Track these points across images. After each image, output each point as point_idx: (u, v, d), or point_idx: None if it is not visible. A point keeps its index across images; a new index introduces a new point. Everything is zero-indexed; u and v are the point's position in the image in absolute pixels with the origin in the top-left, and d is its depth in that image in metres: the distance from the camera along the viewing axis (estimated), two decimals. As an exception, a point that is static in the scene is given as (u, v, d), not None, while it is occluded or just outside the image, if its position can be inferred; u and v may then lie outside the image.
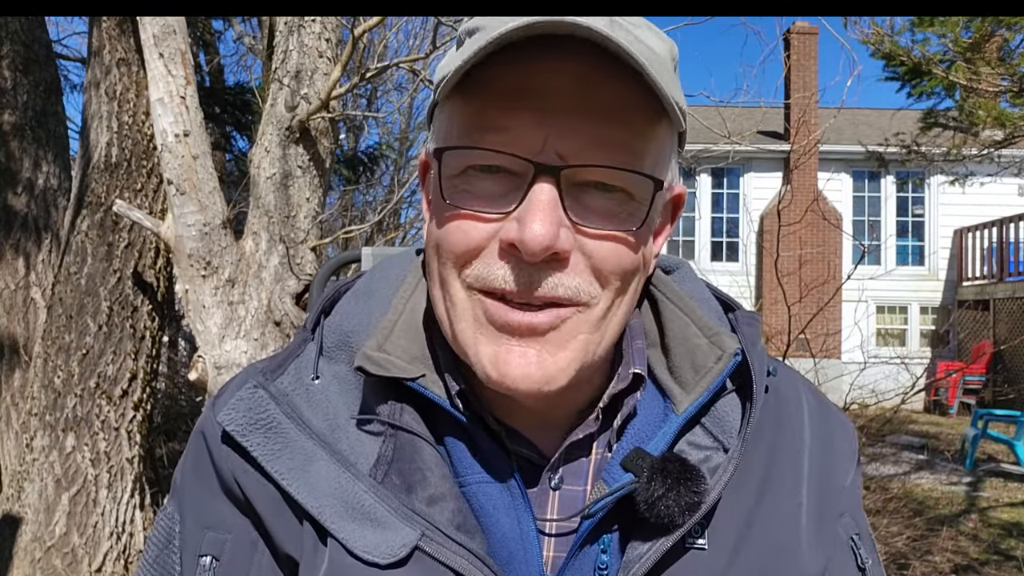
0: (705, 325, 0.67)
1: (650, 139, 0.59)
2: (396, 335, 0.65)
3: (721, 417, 0.65)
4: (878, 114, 14.69)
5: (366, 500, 0.59)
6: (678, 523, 0.58)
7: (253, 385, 0.64)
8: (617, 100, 0.56)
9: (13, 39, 3.80)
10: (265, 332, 2.76)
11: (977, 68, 5.34)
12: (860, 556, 0.69)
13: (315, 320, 0.70)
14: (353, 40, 2.70)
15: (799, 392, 0.73)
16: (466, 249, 0.58)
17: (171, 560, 0.66)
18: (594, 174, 0.57)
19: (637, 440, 0.63)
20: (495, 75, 0.56)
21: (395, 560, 0.57)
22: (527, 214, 0.55)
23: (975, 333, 13.12)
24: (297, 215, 2.88)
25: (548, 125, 0.56)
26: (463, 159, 0.59)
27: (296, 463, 0.61)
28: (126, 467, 3.57)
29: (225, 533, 0.64)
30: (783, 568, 0.63)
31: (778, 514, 0.64)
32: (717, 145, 6.48)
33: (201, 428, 0.68)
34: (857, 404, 4.17)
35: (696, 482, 0.59)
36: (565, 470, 0.65)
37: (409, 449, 0.62)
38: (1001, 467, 7.93)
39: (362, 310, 0.69)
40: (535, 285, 0.56)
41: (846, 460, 0.72)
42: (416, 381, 0.62)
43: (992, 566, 4.79)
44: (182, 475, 0.69)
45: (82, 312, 3.49)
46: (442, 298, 0.62)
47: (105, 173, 3.53)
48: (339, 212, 11.11)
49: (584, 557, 0.61)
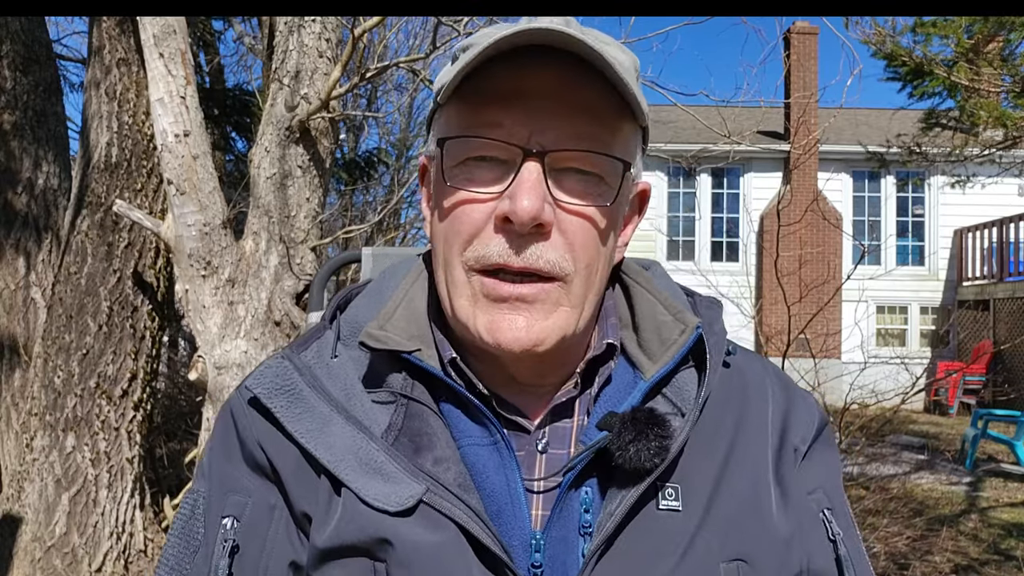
0: (671, 305, 0.77)
1: (617, 132, 0.69)
2: (396, 318, 0.74)
3: (680, 387, 0.73)
4: (878, 114, 14.68)
5: (379, 457, 0.67)
6: (648, 467, 0.65)
7: (280, 356, 0.73)
8: (590, 99, 0.66)
9: (13, 39, 3.80)
10: (265, 332, 2.76)
11: (979, 68, 5.34)
12: (831, 529, 0.74)
13: (331, 314, 0.79)
14: (353, 40, 2.70)
15: (765, 370, 0.81)
16: (469, 230, 0.67)
17: (195, 527, 0.73)
18: (572, 159, 0.67)
19: (610, 405, 0.71)
20: (488, 81, 0.66)
21: (403, 509, 0.64)
22: (518, 190, 0.64)
23: (975, 333, 13.11)
24: (297, 215, 2.88)
25: (533, 120, 0.66)
26: (463, 150, 0.68)
27: (315, 425, 0.69)
28: (126, 467, 3.57)
29: (246, 497, 0.71)
30: (752, 525, 0.68)
31: (746, 477, 0.71)
32: (717, 145, 6.48)
33: (229, 404, 0.77)
34: (857, 404, 4.17)
35: (662, 427, 0.66)
36: (551, 434, 0.72)
37: (418, 417, 0.69)
38: (1001, 467, 7.93)
39: (373, 305, 0.78)
40: (523, 252, 0.65)
41: (803, 426, 0.78)
42: (412, 354, 0.70)
43: (992, 566, 4.79)
44: (209, 451, 0.77)
45: (82, 312, 3.49)
46: (445, 279, 0.71)
47: (105, 173, 3.53)
48: (339, 212, 11.11)
49: (568, 516, 0.67)
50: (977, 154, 6.71)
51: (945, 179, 9.53)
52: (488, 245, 0.66)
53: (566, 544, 0.66)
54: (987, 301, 12.82)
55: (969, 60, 5.40)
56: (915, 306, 14.42)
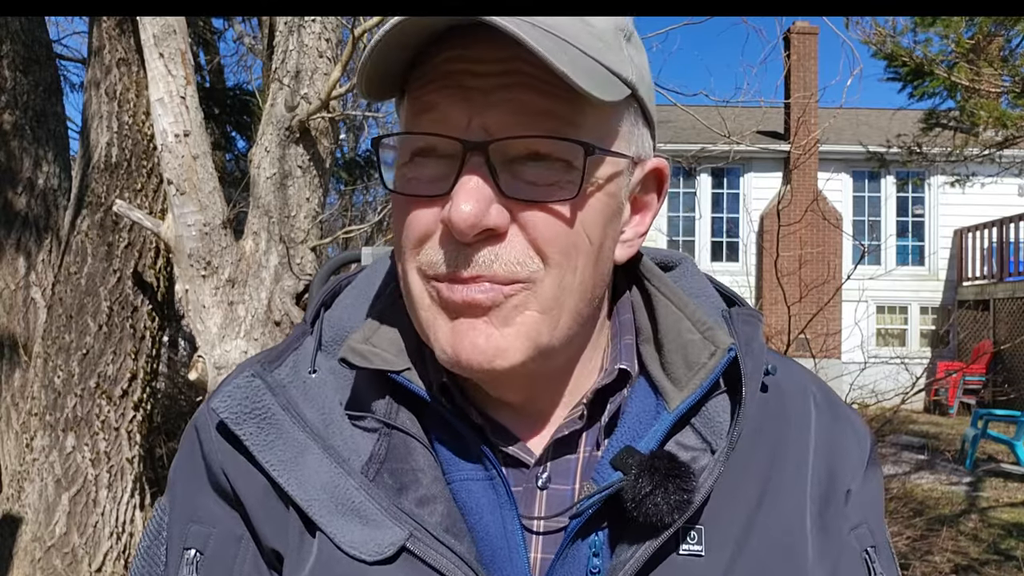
0: (698, 320, 0.65)
1: (582, 105, 0.55)
2: (384, 328, 0.65)
3: (711, 417, 0.63)
4: (878, 114, 14.68)
5: (356, 497, 0.59)
6: (666, 522, 0.57)
7: (250, 374, 0.63)
8: (537, 69, 0.53)
9: (13, 39, 3.80)
10: (265, 332, 2.76)
11: (980, 68, 5.34)
12: (874, 570, 0.65)
13: (315, 313, 0.70)
14: (353, 40, 2.69)
15: (806, 390, 0.70)
16: (417, 235, 0.58)
17: (158, 552, 0.66)
18: (522, 145, 0.56)
19: (628, 438, 0.62)
20: (432, 61, 0.57)
21: (382, 558, 0.57)
22: (456, 195, 0.54)
23: (975, 333, 13.11)
24: (297, 215, 2.88)
25: (472, 100, 0.55)
26: (407, 146, 0.59)
27: (288, 455, 0.60)
28: (126, 467, 3.57)
29: (210, 527, 0.64)
30: (785, 573, 0.60)
31: (781, 521, 0.62)
32: (717, 145, 6.47)
33: (195, 421, 0.68)
34: (857, 404, 4.17)
35: (685, 479, 0.57)
36: (552, 469, 0.64)
37: (403, 449, 0.61)
38: (1001, 467, 7.93)
39: (361, 304, 0.69)
40: (471, 263, 0.56)
41: (854, 462, 0.68)
42: (401, 374, 0.62)
43: (992, 566, 4.79)
44: (175, 468, 0.69)
45: (82, 312, 3.49)
46: (405, 289, 0.62)
47: (105, 173, 3.53)
48: (339, 212, 11.12)
49: (574, 560, 0.60)
50: (977, 154, 6.71)
51: (945, 179, 9.52)
52: (436, 252, 0.57)
53: None
54: (987, 301, 12.83)
55: (969, 60, 5.40)
56: (915, 306, 14.42)
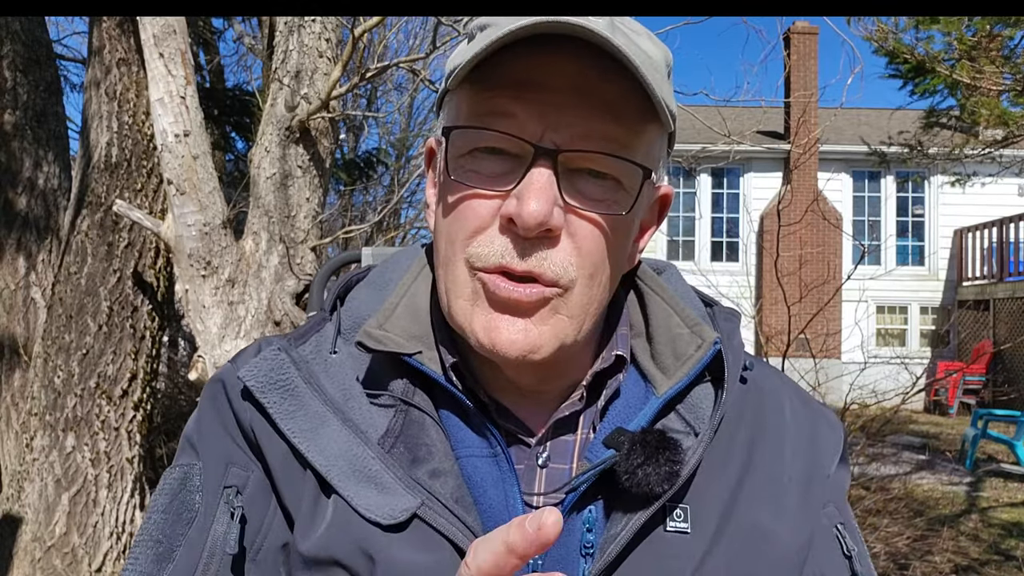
0: (687, 316, 0.72)
1: (640, 135, 0.63)
2: (397, 316, 0.70)
3: (695, 404, 0.69)
4: (878, 114, 14.68)
5: (373, 465, 0.63)
6: (656, 492, 0.62)
7: (277, 348, 0.68)
8: (612, 97, 0.61)
9: (13, 39, 3.80)
10: (265, 332, 2.76)
11: (981, 66, 5.33)
12: (846, 544, 0.72)
13: (332, 305, 0.75)
14: (353, 40, 2.69)
15: (779, 386, 0.77)
16: (473, 226, 0.63)
17: (188, 499, 0.68)
18: (587, 160, 0.62)
19: (619, 421, 0.67)
20: (504, 67, 0.61)
21: (395, 523, 0.60)
22: (526, 191, 0.59)
23: (975, 333, 13.11)
24: (297, 215, 2.88)
25: (547, 116, 0.61)
26: (470, 141, 0.63)
27: (309, 424, 0.65)
28: (126, 467, 3.57)
29: (248, 471, 0.68)
30: (763, 551, 0.65)
31: (759, 500, 0.67)
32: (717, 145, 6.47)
33: (220, 378, 0.72)
34: (857, 404, 4.17)
35: (673, 451, 0.62)
36: (552, 448, 0.69)
37: (417, 425, 0.66)
38: (1001, 467, 7.93)
39: (374, 297, 0.74)
40: (528, 256, 0.61)
41: (831, 449, 0.75)
42: (413, 357, 0.66)
43: (992, 566, 4.79)
44: (198, 423, 0.72)
45: (82, 312, 3.49)
46: (445, 276, 0.66)
47: (105, 173, 3.53)
48: (339, 212, 11.12)
49: (570, 535, 0.64)
50: (977, 153, 6.71)
51: (945, 178, 9.52)
52: (492, 244, 0.62)
53: (567, 565, 0.63)
54: (987, 301, 12.82)
55: (971, 58, 5.40)
56: (915, 306, 14.42)
